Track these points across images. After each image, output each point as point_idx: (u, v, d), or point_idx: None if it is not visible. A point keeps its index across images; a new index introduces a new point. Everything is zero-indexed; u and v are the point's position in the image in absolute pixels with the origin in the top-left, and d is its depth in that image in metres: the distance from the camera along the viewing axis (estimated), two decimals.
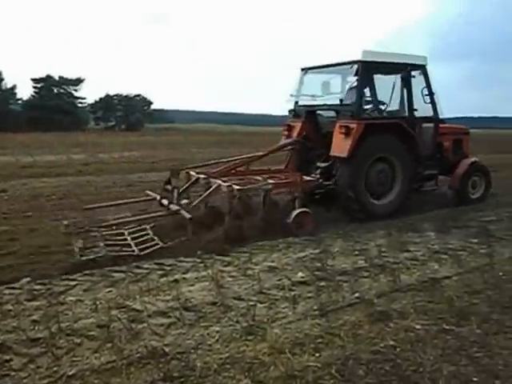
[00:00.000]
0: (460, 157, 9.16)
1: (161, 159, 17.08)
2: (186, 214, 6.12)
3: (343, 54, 8.04)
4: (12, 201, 9.18)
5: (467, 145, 9.41)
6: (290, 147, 8.61)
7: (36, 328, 3.74)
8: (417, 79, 8.24)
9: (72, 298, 4.32)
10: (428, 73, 8.30)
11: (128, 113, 61.63)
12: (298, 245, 6.10)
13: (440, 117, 8.60)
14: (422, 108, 8.27)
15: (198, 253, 5.63)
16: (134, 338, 3.57)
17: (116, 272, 5.01)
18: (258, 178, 7.36)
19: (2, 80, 50.21)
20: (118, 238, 6.15)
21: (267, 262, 5.43)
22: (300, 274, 4.98)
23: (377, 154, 7.73)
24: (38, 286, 4.60)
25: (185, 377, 3.07)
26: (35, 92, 53.62)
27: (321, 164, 8.14)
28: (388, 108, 8.33)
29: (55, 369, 3.17)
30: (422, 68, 8.29)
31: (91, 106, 60.23)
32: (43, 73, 56.10)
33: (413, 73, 8.21)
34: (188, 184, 7.34)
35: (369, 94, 8.32)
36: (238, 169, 7.98)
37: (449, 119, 9.60)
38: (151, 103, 66.47)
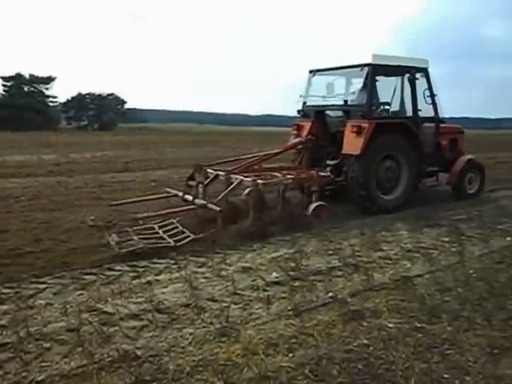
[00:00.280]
0: (456, 154, 9.64)
1: (134, 159, 16.93)
2: (216, 207, 6.48)
3: (347, 57, 8.63)
4: None
5: (462, 143, 9.92)
6: (302, 146, 8.94)
7: (4, 333, 3.63)
8: (418, 81, 8.78)
9: (41, 302, 4.22)
10: (429, 75, 8.87)
11: (101, 112, 60.90)
12: (273, 245, 6.10)
13: (440, 117, 9.16)
14: (424, 108, 8.84)
15: (174, 254, 5.63)
16: (105, 341, 3.51)
17: (87, 274, 4.91)
18: (277, 174, 7.70)
19: None
20: (150, 232, 6.41)
21: (241, 262, 5.41)
22: (274, 275, 4.97)
23: (385, 152, 8.20)
24: (5, 290, 4.47)
25: (157, 380, 3.02)
26: (5, 90, 52.76)
27: (330, 162, 8.58)
28: (391, 108, 8.96)
29: (24, 374, 3.09)
30: (425, 70, 8.84)
31: (63, 105, 59.40)
32: (13, 71, 54.93)
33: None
34: (208, 180, 7.61)
35: (378, 96, 8.71)
36: (254, 166, 8.34)
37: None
38: (125, 102, 65.92)
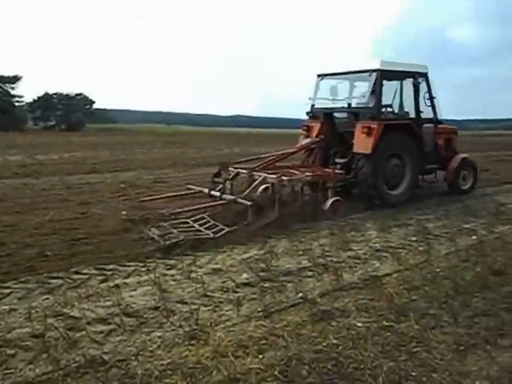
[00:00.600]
0: (451, 153, 10.34)
1: (102, 160, 16.67)
2: (247, 202, 6.96)
3: (353, 62, 9.46)
4: None
5: (456, 143, 10.65)
6: (315, 145, 9.47)
7: None
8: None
9: (5, 307, 4.11)
10: (429, 79, 9.57)
11: (69, 112, 59.76)
12: (243, 246, 6.09)
13: (438, 118, 9.85)
14: (424, 110, 9.54)
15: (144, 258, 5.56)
16: (71, 346, 3.43)
17: (53, 278, 4.80)
18: (295, 171, 8.39)
19: None
20: (185, 226, 6.65)
21: (211, 264, 5.39)
22: (244, 276, 4.96)
23: (392, 151, 8.87)
24: None
25: None
26: None
27: (339, 160, 9.23)
28: (395, 111, 9.73)
29: None
30: (425, 75, 9.54)
31: (29, 104, 58.10)
32: None
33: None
34: (230, 177, 8.10)
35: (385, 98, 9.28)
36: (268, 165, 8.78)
37: None
38: (93, 102, 64.87)
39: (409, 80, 9.53)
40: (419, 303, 4.27)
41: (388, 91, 9.49)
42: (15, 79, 53.77)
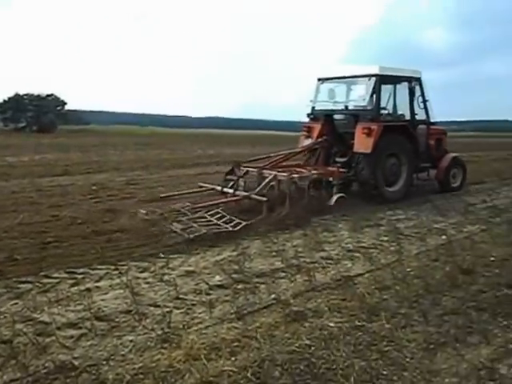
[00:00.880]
0: (441, 153, 10.98)
1: (74, 162, 16.36)
2: (262, 198, 7.48)
3: (352, 67, 10.36)
4: None
5: (445, 143, 11.29)
6: (319, 145, 9.94)
7: None
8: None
9: None
10: (422, 83, 10.14)
11: (40, 113, 58.58)
12: (216, 248, 6.07)
13: (431, 120, 10.50)
14: (418, 112, 10.17)
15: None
16: (40, 352, 3.37)
17: (22, 283, 4.70)
18: (302, 170, 8.91)
19: None
20: (204, 220, 6.99)
21: (184, 266, 5.36)
22: (217, 278, 4.95)
23: (390, 151, 9.44)
24: None
25: None
26: None
27: (340, 159, 9.82)
28: (391, 113, 10.19)
29: None
30: (419, 80, 10.11)
31: None
32: None
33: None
34: (238, 176, 8.62)
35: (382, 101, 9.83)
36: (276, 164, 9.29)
37: None
38: (65, 103, 63.60)
39: (403, 84, 10.12)
40: (390, 303, 4.32)
41: (384, 95, 9.92)
42: None
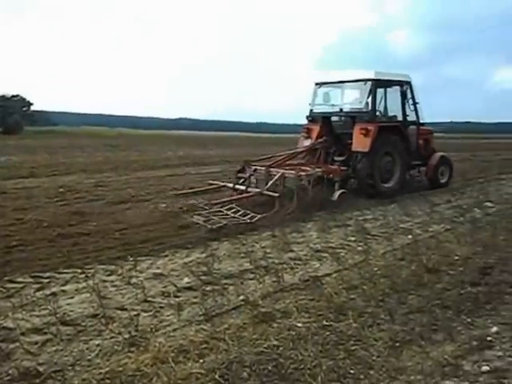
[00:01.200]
0: (429, 151, 11.86)
1: (41, 164, 15.96)
2: (275, 193, 7.97)
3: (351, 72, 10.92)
4: None
5: (433, 142, 12.18)
6: (320, 145, 10.46)
7: None
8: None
9: None
10: (413, 87, 10.93)
11: (5, 114, 57.08)
12: (185, 250, 6.05)
13: (421, 121, 11.25)
14: (409, 114, 10.95)
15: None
16: (3, 359, 3.30)
17: None
18: (307, 168, 9.36)
19: None
20: (221, 214, 7.43)
21: (152, 268, 5.31)
22: (186, 280, 4.93)
23: (385, 149, 10.15)
24: None
25: None
26: None
27: (338, 158, 10.49)
28: (385, 114, 10.84)
29: None
30: (409, 83, 10.92)
31: None
32: None
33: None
34: (249, 174, 9.23)
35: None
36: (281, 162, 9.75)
37: None
38: (31, 104, 62.16)
39: (394, 88, 10.84)
40: (357, 302, 4.37)
41: (378, 97, 10.48)
42: None
